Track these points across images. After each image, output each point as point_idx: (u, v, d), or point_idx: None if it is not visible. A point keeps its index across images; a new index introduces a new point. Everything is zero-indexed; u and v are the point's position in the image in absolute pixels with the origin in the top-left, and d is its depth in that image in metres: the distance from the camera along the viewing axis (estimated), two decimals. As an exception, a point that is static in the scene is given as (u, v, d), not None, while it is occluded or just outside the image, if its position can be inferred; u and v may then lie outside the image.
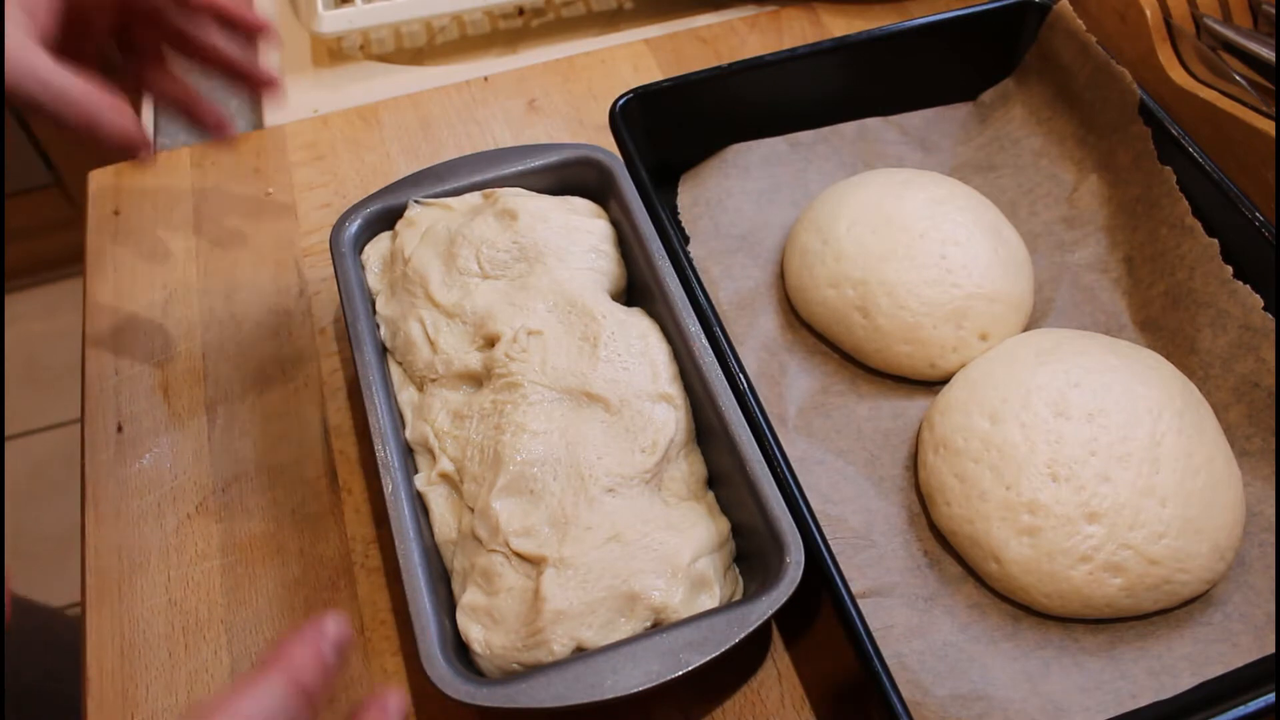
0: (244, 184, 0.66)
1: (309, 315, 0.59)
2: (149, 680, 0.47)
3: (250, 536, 0.51)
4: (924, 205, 0.55)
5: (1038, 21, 0.61)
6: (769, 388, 0.53)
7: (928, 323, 0.52)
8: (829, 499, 0.49)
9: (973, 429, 0.48)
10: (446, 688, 0.39)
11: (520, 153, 0.56)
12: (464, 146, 0.68)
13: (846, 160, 0.63)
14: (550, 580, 0.42)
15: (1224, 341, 0.50)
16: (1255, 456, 0.49)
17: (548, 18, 0.78)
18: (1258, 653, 0.44)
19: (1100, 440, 0.45)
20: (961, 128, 0.64)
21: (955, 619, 0.46)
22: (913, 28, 0.62)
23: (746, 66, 0.60)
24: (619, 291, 0.53)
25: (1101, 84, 0.57)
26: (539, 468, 0.45)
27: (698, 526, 0.45)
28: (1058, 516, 0.44)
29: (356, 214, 0.54)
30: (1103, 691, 0.43)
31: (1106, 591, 0.44)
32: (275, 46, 0.50)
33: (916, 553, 0.48)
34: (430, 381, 0.49)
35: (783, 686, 0.46)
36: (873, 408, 0.53)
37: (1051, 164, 0.60)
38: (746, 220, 0.60)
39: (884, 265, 0.53)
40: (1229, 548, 0.45)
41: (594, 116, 0.69)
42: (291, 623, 0.48)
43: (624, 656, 0.39)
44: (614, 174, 0.54)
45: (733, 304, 0.56)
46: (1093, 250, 0.57)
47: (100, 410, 0.56)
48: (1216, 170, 0.52)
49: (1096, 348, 0.50)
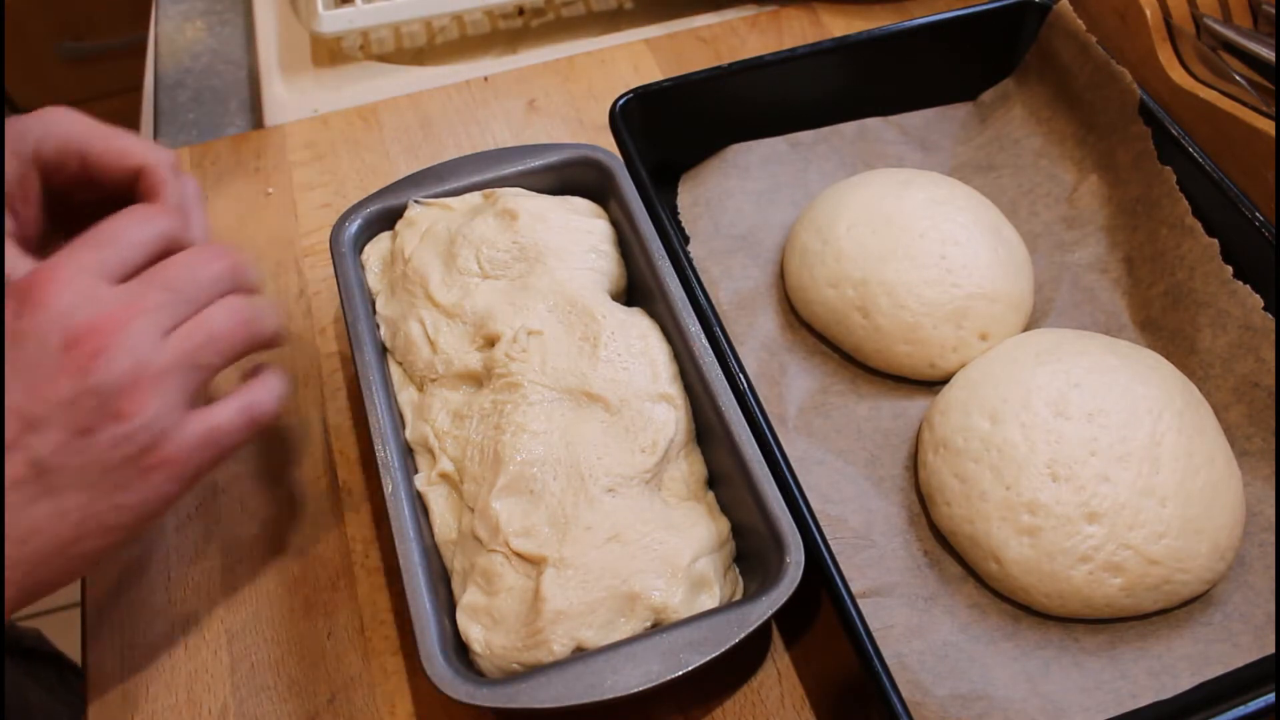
0: (244, 184, 0.66)
1: (309, 315, 0.59)
2: (149, 680, 0.47)
3: (250, 537, 0.51)
4: (924, 205, 0.55)
5: (1038, 21, 0.61)
6: (769, 388, 0.53)
7: (928, 323, 0.52)
8: (829, 499, 0.49)
9: (973, 429, 0.48)
10: (446, 688, 0.39)
11: (520, 153, 0.56)
12: (464, 146, 0.68)
13: (846, 160, 0.63)
14: (550, 580, 0.42)
15: (1224, 341, 0.50)
16: (1255, 456, 0.49)
17: (548, 18, 0.78)
18: (1258, 653, 0.44)
19: (1100, 440, 0.45)
20: (961, 128, 0.64)
21: (955, 619, 0.46)
22: (913, 28, 0.62)
23: (746, 66, 0.60)
24: (619, 291, 0.53)
25: (1101, 84, 0.57)
26: (539, 468, 0.45)
27: (698, 526, 0.45)
28: (1058, 516, 0.44)
29: (356, 214, 0.54)
30: (1103, 691, 0.43)
31: (1106, 591, 0.44)
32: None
33: (916, 553, 0.48)
34: (430, 381, 0.49)
35: (783, 686, 0.46)
36: (873, 408, 0.53)
37: (1051, 164, 0.60)
38: (746, 220, 0.60)
39: (884, 265, 0.53)
40: (1229, 548, 0.45)
41: (594, 116, 0.69)
42: (291, 622, 0.48)
43: (624, 656, 0.39)
44: (614, 174, 0.54)
45: (733, 304, 0.56)
46: (1093, 250, 0.57)
47: (100, 410, 0.56)
48: (1216, 170, 0.52)
49: (1096, 348, 0.50)
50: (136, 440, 0.36)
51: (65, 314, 0.36)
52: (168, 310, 0.38)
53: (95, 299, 0.37)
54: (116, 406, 0.36)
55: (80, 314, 0.36)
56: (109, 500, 0.37)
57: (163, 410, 0.37)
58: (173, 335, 0.38)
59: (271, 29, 0.77)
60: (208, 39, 0.78)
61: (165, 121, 0.72)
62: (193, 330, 0.38)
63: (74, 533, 0.36)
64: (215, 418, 0.39)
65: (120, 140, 0.45)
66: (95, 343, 0.36)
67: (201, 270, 0.40)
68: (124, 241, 0.39)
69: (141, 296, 0.38)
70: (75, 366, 0.35)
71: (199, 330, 0.39)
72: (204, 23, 0.79)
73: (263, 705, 0.46)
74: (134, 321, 0.37)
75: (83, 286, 0.37)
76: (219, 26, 0.79)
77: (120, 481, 0.36)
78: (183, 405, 0.38)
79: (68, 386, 0.35)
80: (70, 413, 0.35)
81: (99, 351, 0.36)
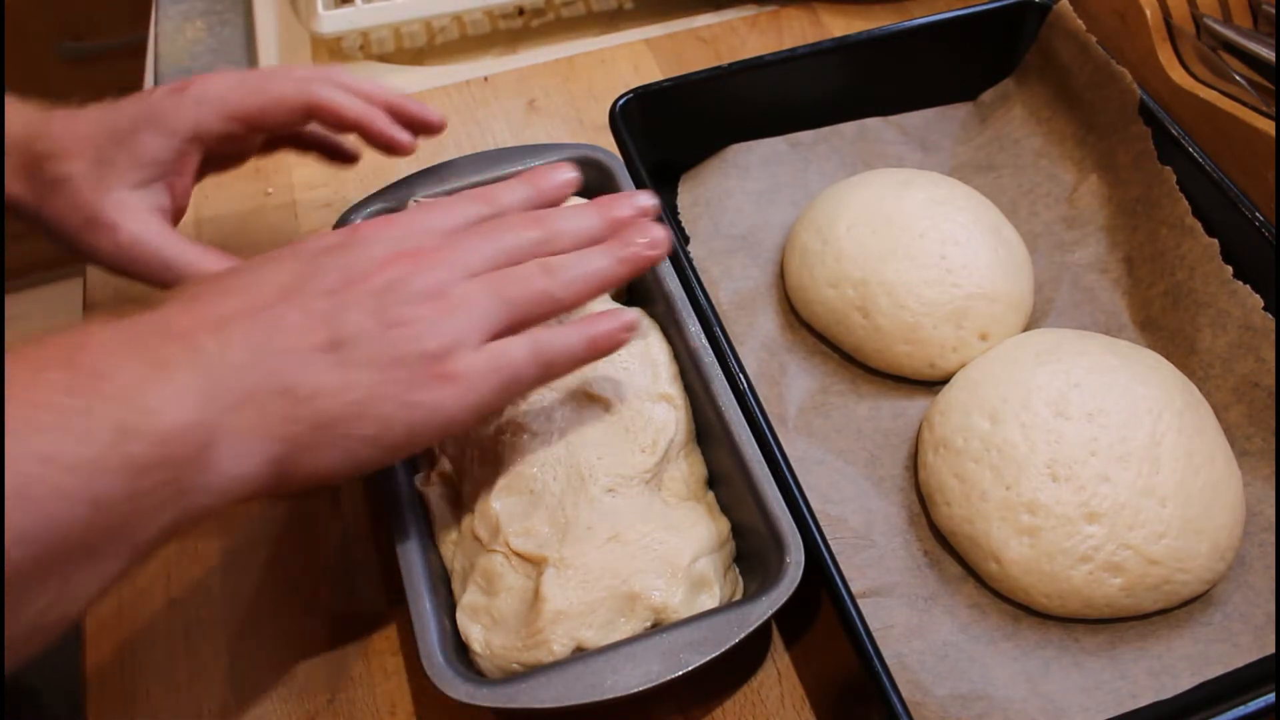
0: (244, 184, 0.66)
1: (309, 315, 0.59)
2: (149, 680, 0.47)
3: (250, 537, 0.51)
4: (924, 205, 0.55)
5: (1038, 21, 0.61)
6: (769, 388, 0.53)
7: (928, 323, 0.52)
8: (829, 499, 0.49)
9: (973, 429, 0.48)
10: (446, 688, 0.39)
11: (520, 153, 0.56)
12: (464, 146, 0.68)
13: (846, 160, 0.63)
14: (550, 580, 0.42)
15: (1224, 341, 0.50)
16: (1255, 456, 0.49)
17: (548, 18, 0.78)
18: (1258, 653, 0.44)
19: (1100, 440, 0.45)
20: (961, 128, 0.64)
21: (955, 619, 0.46)
22: (913, 28, 0.62)
23: (746, 66, 0.60)
24: (619, 291, 0.53)
25: (1101, 84, 0.57)
26: (539, 468, 0.45)
27: (698, 527, 0.45)
28: (1058, 516, 0.44)
29: (356, 214, 0.54)
30: (1103, 691, 0.43)
31: (1106, 591, 0.44)
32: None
33: (916, 553, 0.48)
34: (430, 381, 0.49)
35: (783, 686, 0.46)
36: (873, 408, 0.53)
37: (1051, 164, 0.60)
38: (746, 220, 0.60)
39: (884, 265, 0.53)
40: (1229, 548, 0.45)
41: (594, 116, 0.69)
42: (291, 622, 0.48)
43: (624, 656, 0.39)
44: (614, 174, 0.54)
45: (733, 304, 0.56)
46: (1093, 250, 0.57)
47: (100, 410, 0.56)
48: (1216, 170, 0.52)
49: (1096, 348, 0.50)
50: (430, 343, 0.37)
51: (394, 240, 0.39)
52: (486, 256, 0.40)
53: (425, 229, 0.40)
54: (419, 309, 0.37)
55: (407, 242, 0.39)
56: (393, 391, 0.37)
57: (462, 327, 0.38)
58: (488, 275, 0.40)
59: (271, 29, 0.76)
60: (208, 39, 0.78)
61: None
62: (506, 276, 0.40)
63: (354, 409, 0.36)
64: (509, 349, 0.39)
65: (275, 86, 0.47)
66: (414, 257, 0.39)
67: (520, 231, 0.41)
68: (449, 210, 0.42)
69: (466, 238, 0.40)
70: (392, 267, 0.38)
71: (510, 276, 0.40)
72: (204, 23, 0.79)
73: (263, 705, 0.46)
74: (457, 252, 0.39)
75: (413, 227, 0.40)
76: (219, 26, 0.79)
77: (408, 379, 0.37)
78: (482, 330, 0.38)
79: (381, 280, 0.37)
80: (377, 301, 0.37)
81: (417, 261, 0.38)
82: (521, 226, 0.42)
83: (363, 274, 0.38)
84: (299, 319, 0.36)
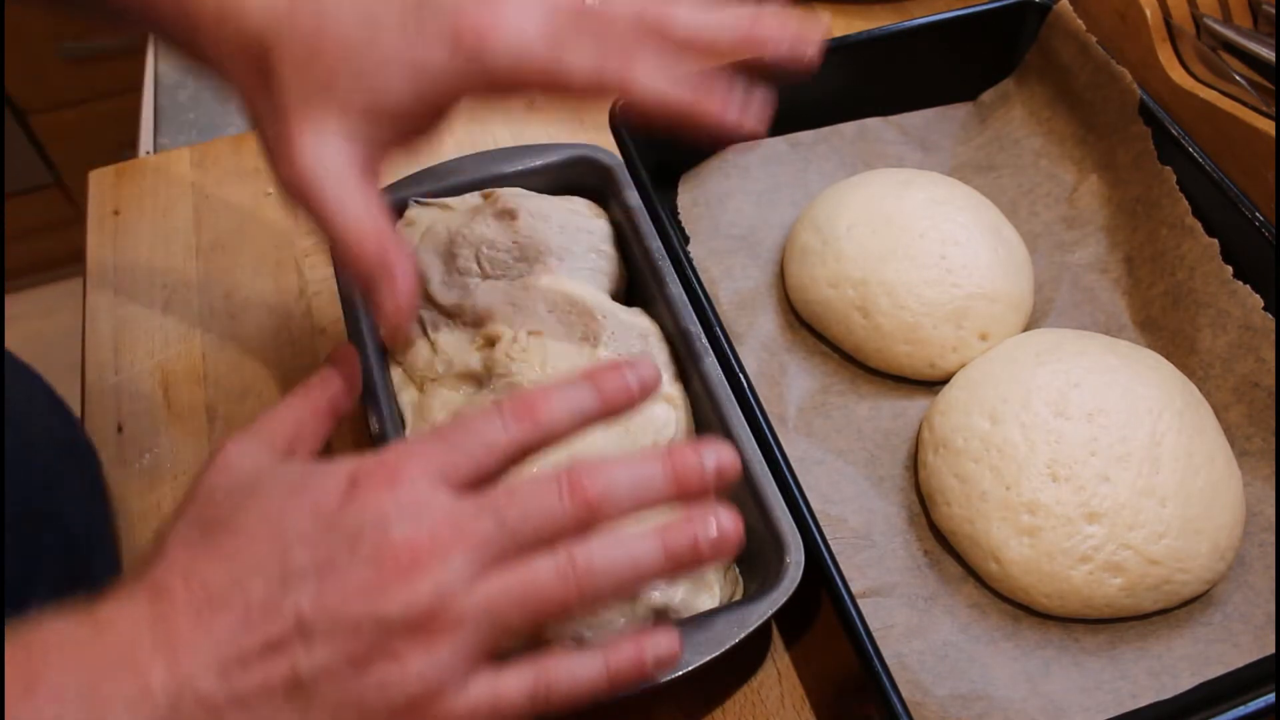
0: (244, 184, 0.66)
1: (309, 316, 0.59)
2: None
3: (250, 536, 0.51)
4: (924, 205, 0.55)
5: (1038, 21, 0.61)
6: (769, 388, 0.53)
7: (928, 323, 0.52)
8: (829, 499, 0.49)
9: (973, 429, 0.48)
10: (446, 688, 0.39)
11: (520, 153, 0.56)
12: (464, 146, 0.67)
13: (846, 160, 0.63)
14: (550, 580, 0.41)
15: (1224, 341, 0.50)
16: (1255, 456, 0.49)
17: (548, 18, 0.78)
18: (1258, 653, 0.44)
19: (1100, 440, 0.45)
20: (961, 128, 0.64)
21: (955, 619, 0.46)
22: (913, 28, 0.62)
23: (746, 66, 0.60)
24: (619, 291, 0.53)
25: (1101, 84, 0.57)
26: (539, 467, 0.44)
27: (698, 526, 0.45)
28: (1058, 516, 0.44)
29: (356, 214, 0.54)
30: (1103, 691, 0.43)
31: (1106, 591, 0.44)
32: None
33: (916, 553, 0.48)
34: (430, 382, 0.49)
35: (783, 686, 0.46)
36: (873, 408, 0.53)
37: (1051, 164, 0.60)
38: (746, 220, 0.60)
39: (884, 265, 0.53)
40: (1229, 548, 0.45)
41: (594, 116, 0.69)
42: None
43: (624, 656, 0.39)
44: (614, 174, 0.55)
45: (733, 304, 0.56)
46: (1093, 250, 0.57)
47: (100, 410, 0.56)
48: (1216, 170, 0.52)
49: (1096, 348, 0.50)
50: (407, 689, 0.31)
51: (387, 521, 0.32)
52: (495, 548, 0.33)
53: (425, 510, 0.33)
54: (399, 646, 0.31)
55: (401, 529, 0.32)
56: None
57: (447, 663, 0.31)
58: (488, 578, 0.32)
59: (271, 29, 0.76)
60: (208, 39, 0.78)
61: (165, 121, 0.72)
62: (511, 582, 0.33)
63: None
64: (503, 686, 0.33)
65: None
66: (404, 566, 0.31)
67: (547, 503, 0.33)
68: (479, 443, 0.35)
69: (473, 521, 0.33)
70: (373, 587, 0.31)
71: (518, 583, 0.33)
72: (204, 23, 0.79)
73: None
74: (453, 553, 0.32)
75: (418, 493, 0.33)
76: (219, 26, 0.79)
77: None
78: (471, 660, 0.32)
79: (358, 607, 0.31)
80: (349, 638, 0.31)
81: (405, 576, 0.31)
82: (561, 491, 0.34)
83: (339, 589, 0.31)
84: (259, 651, 0.31)
